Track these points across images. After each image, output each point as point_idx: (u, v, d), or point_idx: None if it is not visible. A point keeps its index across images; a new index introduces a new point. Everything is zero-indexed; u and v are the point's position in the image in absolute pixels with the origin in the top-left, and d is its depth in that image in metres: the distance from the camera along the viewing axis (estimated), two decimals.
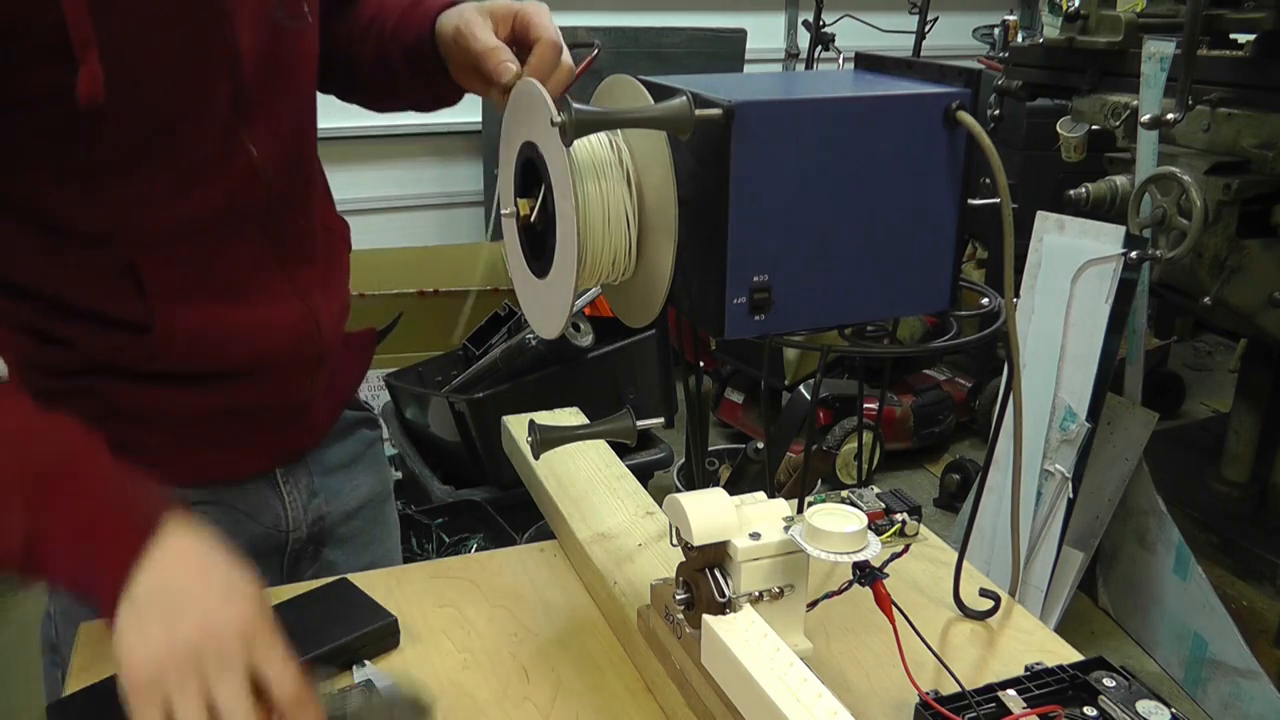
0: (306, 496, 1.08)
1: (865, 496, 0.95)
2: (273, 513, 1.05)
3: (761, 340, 0.73)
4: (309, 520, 1.08)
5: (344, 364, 1.08)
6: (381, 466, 1.20)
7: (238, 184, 0.88)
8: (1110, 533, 2.49)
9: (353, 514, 1.13)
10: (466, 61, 0.87)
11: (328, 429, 1.09)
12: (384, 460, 1.21)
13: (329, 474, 1.10)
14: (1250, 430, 2.57)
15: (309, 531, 1.09)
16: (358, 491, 1.14)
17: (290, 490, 1.06)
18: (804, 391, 2.71)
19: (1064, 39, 2.44)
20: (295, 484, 1.07)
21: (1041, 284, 2.31)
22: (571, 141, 0.68)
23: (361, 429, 1.16)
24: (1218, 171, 2.06)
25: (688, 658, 0.76)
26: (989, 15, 4.42)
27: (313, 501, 1.08)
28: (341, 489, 1.12)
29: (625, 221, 0.74)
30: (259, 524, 1.04)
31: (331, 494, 1.10)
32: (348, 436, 1.14)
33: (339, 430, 1.12)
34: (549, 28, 0.83)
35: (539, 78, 0.79)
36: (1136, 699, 0.73)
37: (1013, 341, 0.79)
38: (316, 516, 1.09)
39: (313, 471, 1.08)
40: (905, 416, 3.38)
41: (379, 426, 1.22)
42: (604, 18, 4.11)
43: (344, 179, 3.75)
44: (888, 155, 0.71)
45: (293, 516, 1.06)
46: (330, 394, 1.07)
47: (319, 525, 1.10)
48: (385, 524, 1.20)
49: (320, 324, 0.98)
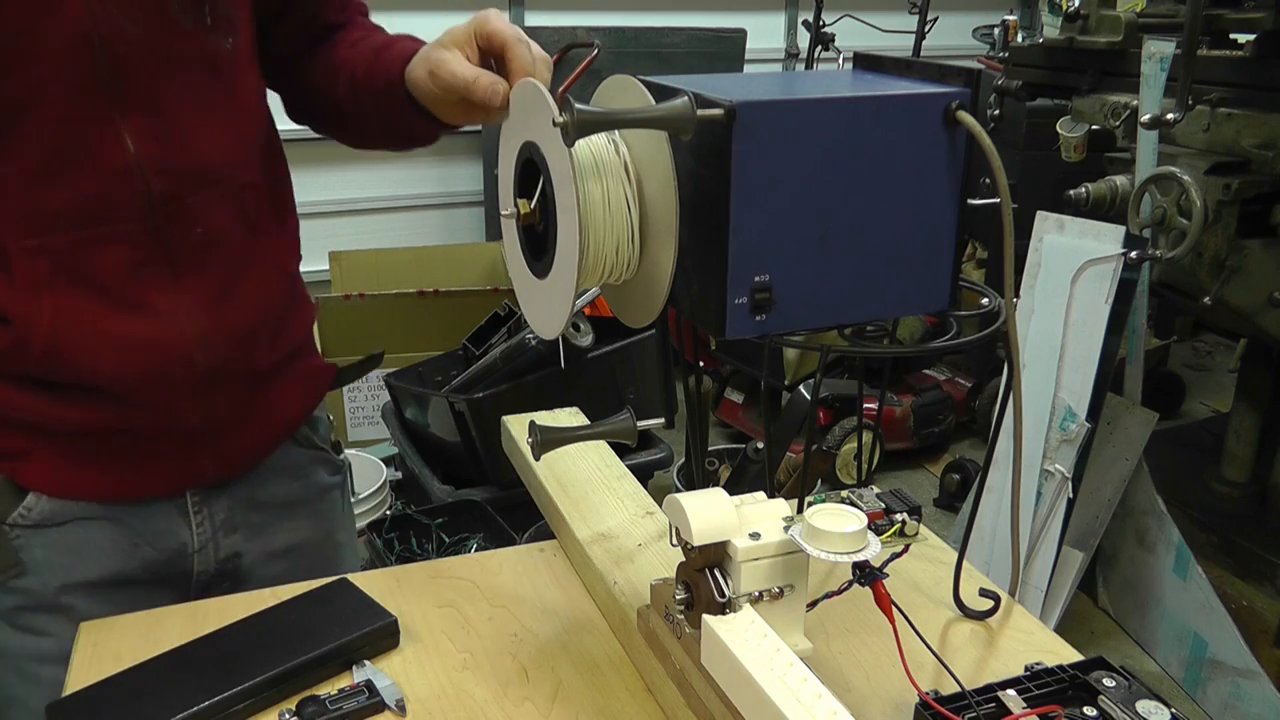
0: (221, 530, 1.02)
1: (865, 496, 0.95)
2: (177, 540, 0.99)
3: (762, 340, 0.73)
4: (219, 554, 1.02)
5: (279, 393, 1.03)
6: (333, 515, 1.13)
7: (110, 179, 0.84)
8: (1110, 533, 2.49)
9: (278, 556, 1.07)
10: (452, 98, 0.86)
11: (252, 461, 1.03)
12: (340, 510, 1.14)
13: (256, 509, 1.04)
14: (1250, 430, 2.57)
15: (218, 567, 1.02)
16: (289, 535, 1.07)
17: (201, 519, 1.00)
18: (804, 391, 2.71)
19: (1064, 39, 2.44)
20: (209, 514, 1.01)
21: (1041, 284, 2.31)
22: (574, 141, 0.67)
23: (316, 471, 1.10)
24: (1218, 171, 2.06)
25: (688, 658, 0.76)
26: (989, 15, 4.42)
27: (229, 537, 1.02)
28: (268, 528, 1.06)
29: (627, 221, 0.74)
30: (157, 549, 0.98)
31: (254, 532, 1.04)
32: (292, 476, 1.07)
33: (279, 466, 1.06)
34: (508, 29, 0.83)
35: (524, 77, 0.80)
36: (1136, 699, 0.73)
37: (1013, 341, 0.79)
38: (231, 553, 1.03)
39: (234, 505, 1.02)
40: (905, 416, 3.38)
41: (342, 473, 1.14)
42: (604, 18, 4.11)
43: (344, 179, 3.77)
44: (888, 155, 0.71)
45: (199, 546, 1.00)
46: (254, 422, 1.01)
47: (233, 563, 1.04)
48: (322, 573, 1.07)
49: (210, 344, 0.91)
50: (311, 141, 1.13)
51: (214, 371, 0.93)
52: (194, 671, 0.82)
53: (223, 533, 1.02)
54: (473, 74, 0.82)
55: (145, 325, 0.88)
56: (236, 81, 0.93)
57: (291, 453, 1.08)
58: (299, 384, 1.06)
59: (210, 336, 0.92)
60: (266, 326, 0.98)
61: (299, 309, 1.06)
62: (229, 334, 0.93)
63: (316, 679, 0.84)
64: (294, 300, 1.05)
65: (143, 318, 0.88)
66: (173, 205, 0.87)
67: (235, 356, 0.95)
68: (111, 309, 0.87)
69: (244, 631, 0.87)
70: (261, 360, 0.99)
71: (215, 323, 0.92)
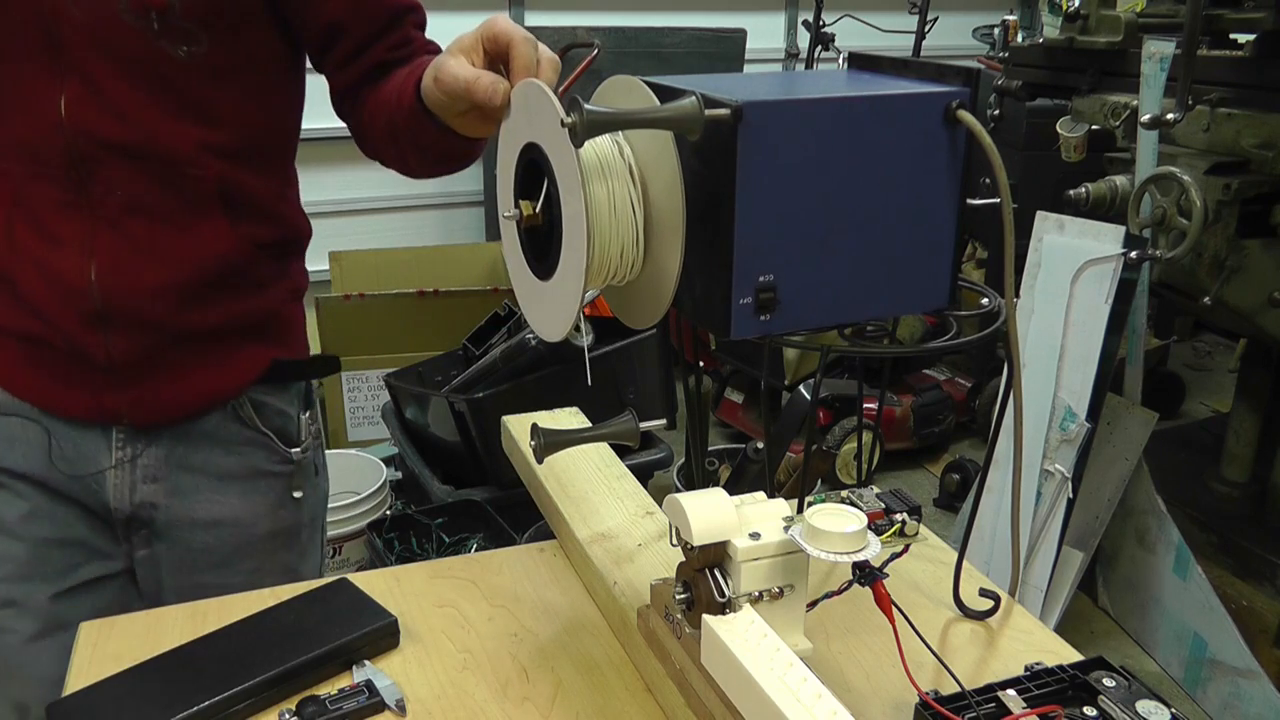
0: (141, 476, 1.09)
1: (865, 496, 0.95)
2: (95, 465, 1.07)
3: (764, 340, 0.73)
4: (134, 498, 1.09)
5: (206, 362, 1.08)
6: (272, 505, 1.16)
7: (43, 131, 0.96)
8: (1110, 533, 2.49)
9: (201, 526, 1.12)
10: (460, 105, 0.86)
11: (167, 417, 1.08)
12: (283, 504, 1.17)
13: (186, 471, 1.10)
14: (1250, 430, 2.57)
15: (132, 511, 1.10)
16: (216, 508, 1.12)
17: (122, 459, 1.08)
18: (804, 391, 2.71)
19: (1064, 39, 2.44)
20: (132, 456, 1.08)
21: (1041, 284, 2.31)
22: (583, 142, 0.67)
23: (254, 453, 1.14)
24: (1218, 171, 2.06)
25: (687, 658, 0.76)
26: (989, 15, 4.42)
27: (147, 484, 1.09)
28: (194, 494, 1.11)
29: (632, 223, 0.74)
30: (75, 467, 1.07)
31: (177, 491, 1.10)
32: (225, 450, 1.12)
33: (215, 436, 1.11)
34: (515, 30, 0.83)
35: (527, 76, 0.79)
36: (1136, 699, 0.73)
37: (1013, 341, 0.79)
38: (146, 501, 1.10)
39: (162, 457, 1.09)
40: (905, 416, 3.38)
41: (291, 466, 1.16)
42: (604, 18, 4.11)
43: (344, 179, 3.77)
44: (889, 153, 0.71)
45: (116, 483, 1.08)
46: (172, 380, 1.06)
47: (148, 512, 1.10)
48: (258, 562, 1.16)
49: (109, 290, 1.00)
50: (312, 141, 1.13)
51: (110, 314, 1.01)
52: (194, 671, 0.82)
53: (142, 478, 1.09)
54: (473, 74, 0.82)
55: (58, 256, 1.00)
56: (191, 88, 0.98)
57: (230, 427, 1.12)
58: (232, 362, 1.10)
59: (110, 283, 1.00)
60: (186, 295, 1.04)
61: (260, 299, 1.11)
62: (134, 287, 1.01)
63: (316, 679, 0.84)
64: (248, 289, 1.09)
65: (58, 250, 1.00)
66: (92, 166, 0.98)
67: (139, 309, 1.02)
68: (38, 236, 1.00)
69: (244, 631, 0.88)
70: (181, 322, 1.05)
71: (118, 272, 1.00)
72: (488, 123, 0.87)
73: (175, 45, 0.96)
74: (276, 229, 1.10)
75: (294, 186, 1.15)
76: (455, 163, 1.03)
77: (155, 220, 1.01)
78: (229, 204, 1.04)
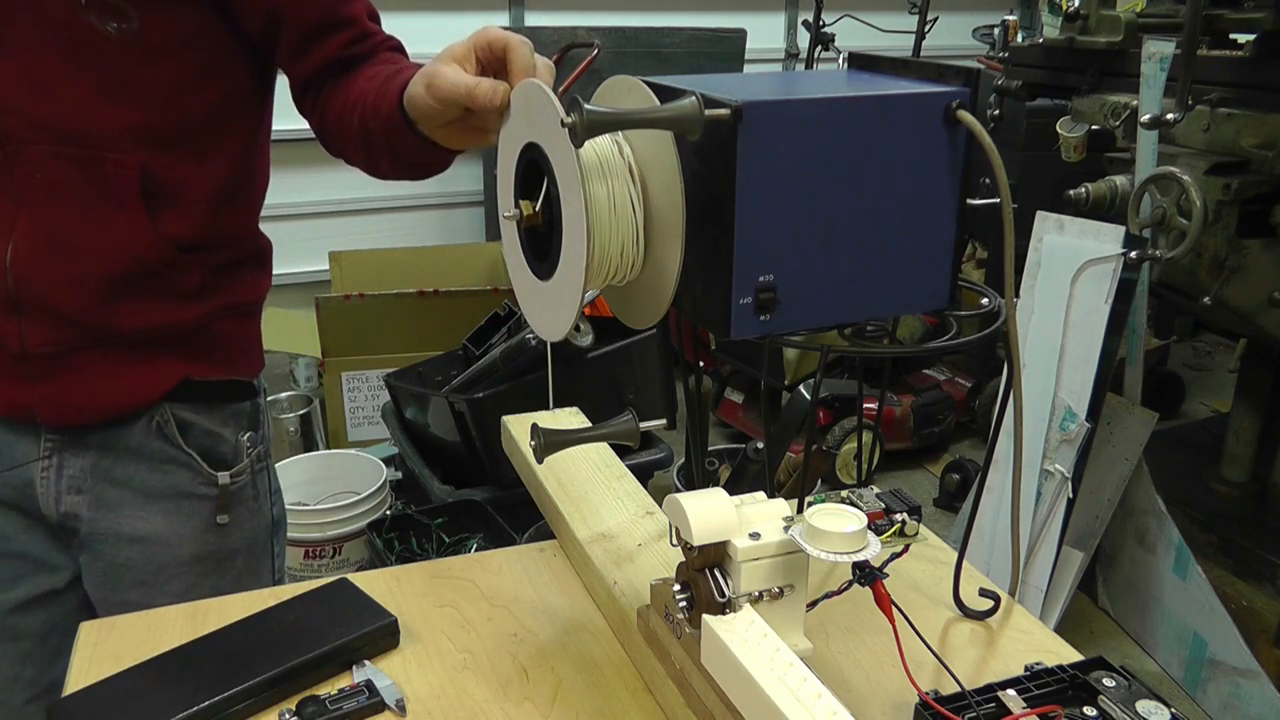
0: (66, 486, 1.07)
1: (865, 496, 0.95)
2: (22, 460, 1.06)
3: (763, 340, 0.73)
4: (59, 507, 1.08)
5: (120, 367, 1.05)
6: (198, 529, 1.12)
7: None
8: (1110, 533, 2.49)
9: (126, 542, 1.09)
10: (452, 113, 0.85)
11: (80, 419, 1.05)
12: (208, 528, 1.13)
13: (112, 484, 1.08)
14: (1250, 430, 2.57)
15: (59, 519, 1.08)
16: (139, 524, 1.09)
17: (48, 466, 1.06)
18: (804, 391, 2.70)
19: (1064, 39, 2.44)
20: (58, 464, 1.06)
21: (1041, 284, 2.31)
22: (584, 142, 0.67)
23: (176, 472, 1.10)
24: (1217, 171, 2.06)
25: (688, 658, 0.77)
26: (989, 15, 4.42)
27: (71, 495, 1.07)
28: (119, 509, 1.09)
29: (632, 223, 0.74)
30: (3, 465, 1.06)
31: (102, 504, 1.08)
32: (152, 467, 1.09)
33: (138, 450, 1.08)
34: (509, 35, 0.83)
35: (526, 77, 0.79)
36: (1136, 699, 0.73)
37: (1013, 341, 0.79)
38: (70, 512, 1.08)
39: (86, 469, 1.07)
40: (905, 416, 3.38)
41: (214, 492, 1.13)
42: (604, 18, 4.12)
43: (344, 179, 3.77)
44: (889, 153, 0.71)
45: (43, 494, 1.07)
46: (86, 381, 1.04)
47: (72, 523, 1.08)
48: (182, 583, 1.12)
49: (21, 274, 0.98)
50: (311, 141, 1.12)
51: (22, 302, 1.00)
52: (194, 671, 0.82)
53: (67, 488, 1.07)
54: (473, 80, 0.82)
55: None
56: (123, 67, 0.96)
57: (153, 443, 1.09)
58: (145, 373, 1.06)
59: (24, 271, 0.99)
60: (98, 292, 1.01)
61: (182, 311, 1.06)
62: (46, 276, 0.99)
63: (316, 679, 0.84)
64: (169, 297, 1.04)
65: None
66: (17, 146, 0.96)
67: (52, 300, 1.00)
68: None
69: (244, 631, 0.88)
70: (96, 321, 1.02)
71: (33, 260, 0.99)
72: (471, 136, 0.87)
73: (103, 20, 0.94)
74: (207, 234, 1.05)
75: (250, 193, 1.11)
76: (430, 170, 1.01)
77: (74, 208, 0.98)
78: (149, 197, 1.00)
